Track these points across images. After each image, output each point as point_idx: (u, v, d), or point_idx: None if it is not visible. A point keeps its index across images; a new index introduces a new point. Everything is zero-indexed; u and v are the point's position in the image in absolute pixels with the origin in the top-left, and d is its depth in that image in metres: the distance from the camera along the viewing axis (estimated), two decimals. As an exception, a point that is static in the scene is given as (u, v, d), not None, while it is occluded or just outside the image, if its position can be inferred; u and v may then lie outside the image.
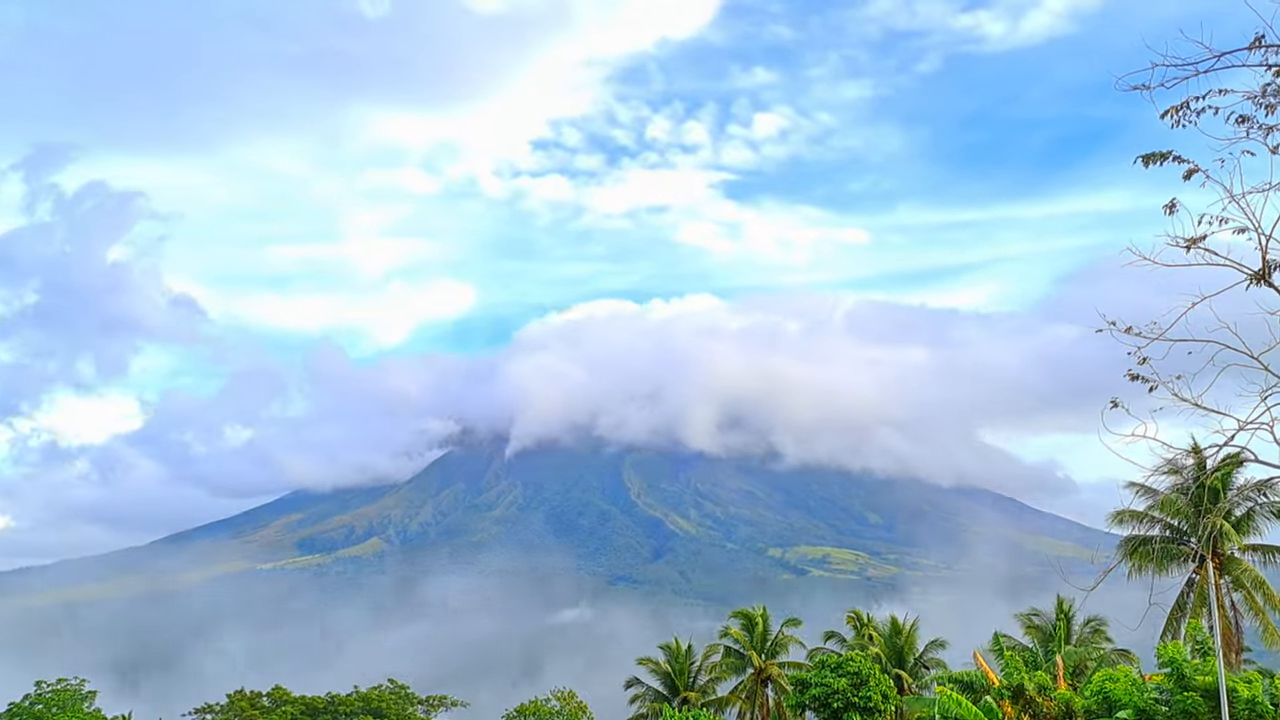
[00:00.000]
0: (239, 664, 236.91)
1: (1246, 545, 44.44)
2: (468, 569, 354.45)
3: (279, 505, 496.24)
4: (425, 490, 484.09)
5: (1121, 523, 46.06)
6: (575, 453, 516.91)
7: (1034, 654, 50.19)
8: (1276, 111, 10.15)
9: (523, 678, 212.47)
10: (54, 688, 76.19)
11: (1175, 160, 10.23)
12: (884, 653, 62.77)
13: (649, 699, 67.13)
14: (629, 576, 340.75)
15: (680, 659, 67.09)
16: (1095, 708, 37.64)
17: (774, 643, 64.86)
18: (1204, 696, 34.35)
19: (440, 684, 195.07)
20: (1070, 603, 56.80)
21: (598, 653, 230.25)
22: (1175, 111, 10.24)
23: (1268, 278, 10.43)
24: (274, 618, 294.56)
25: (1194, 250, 10.45)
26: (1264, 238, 10.30)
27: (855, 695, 51.74)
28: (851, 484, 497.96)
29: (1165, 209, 10.31)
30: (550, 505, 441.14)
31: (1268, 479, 42.92)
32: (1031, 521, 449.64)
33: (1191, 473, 26.91)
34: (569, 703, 78.26)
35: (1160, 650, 36.36)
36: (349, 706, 79.77)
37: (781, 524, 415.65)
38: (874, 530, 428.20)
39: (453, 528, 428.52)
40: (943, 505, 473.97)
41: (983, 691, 45.22)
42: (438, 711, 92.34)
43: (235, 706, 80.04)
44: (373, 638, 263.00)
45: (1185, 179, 10.21)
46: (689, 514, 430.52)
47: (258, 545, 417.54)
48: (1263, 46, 9.98)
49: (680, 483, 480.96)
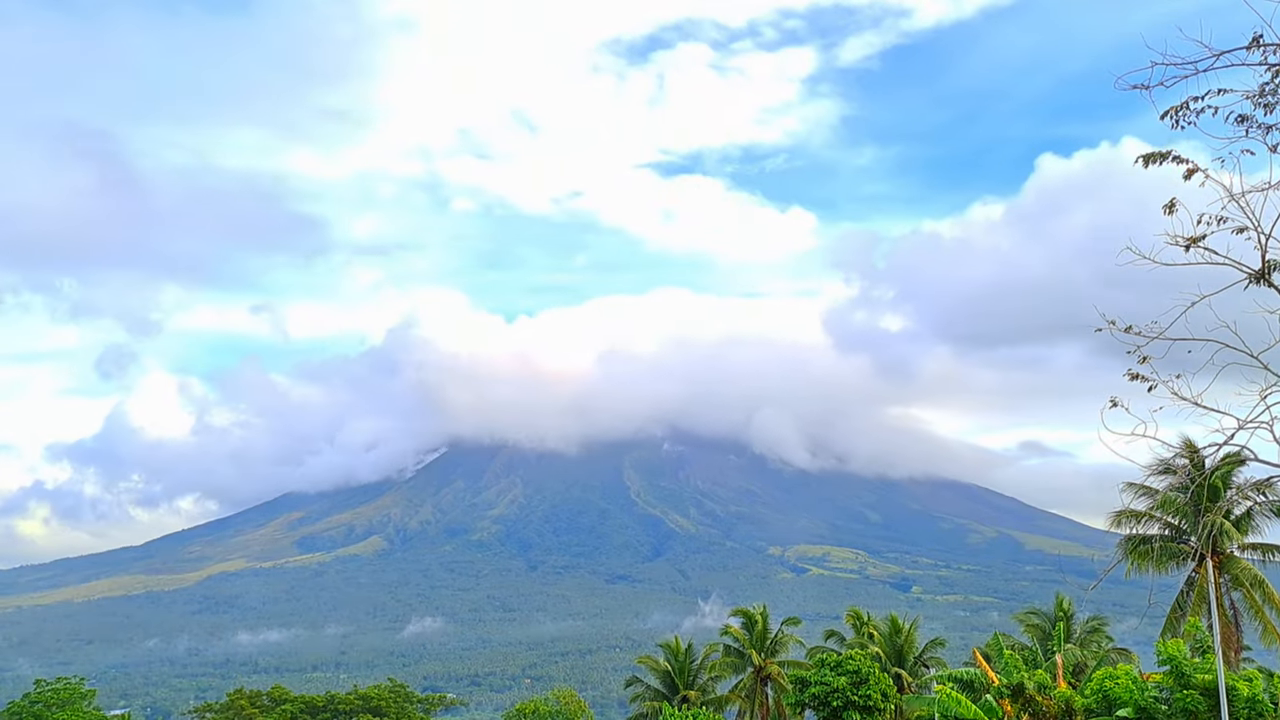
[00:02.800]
0: (238, 663, 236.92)
1: (1246, 544, 44.45)
2: (467, 568, 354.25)
3: (279, 504, 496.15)
4: (425, 489, 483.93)
5: (1120, 524, 46.04)
6: (575, 451, 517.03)
7: (1033, 653, 50.20)
8: (1276, 110, 10.15)
9: (523, 676, 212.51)
10: (53, 686, 76.13)
11: (1175, 160, 10.23)
12: (884, 651, 62.76)
13: (648, 697, 67.11)
14: (629, 575, 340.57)
15: (680, 657, 67.07)
16: (1095, 706, 37.64)
17: (774, 641, 64.85)
18: (1204, 695, 34.36)
19: (440, 683, 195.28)
20: (1070, 601, 56.84)
21: (597, 651, 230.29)
22: (1175, 111, 10.24)
23: (1267, 277, 10.43)
24: (274, 617, 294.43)
25: (1193, 249, 10.45)
26: (1264, 237, 10.30)
27: (855, 694, 51.74)
28: (852, 482, 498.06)
29: (1165, 208, 10.31)
30: (550, 503, 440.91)
31: (1267, 478, 42.91)
32: (1032, 520, 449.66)
33: (1189, 471, 26.81)
34: (569, 701, 78.25)
35: (1160, 648, 36.36)
36: (348, 705, 79.70)
37: (781, 522, 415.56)
38: (874, 529, 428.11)
39: (453, 526, 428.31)
40: (943, 504, 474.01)
41: (982, 690, 45.25)
42: (437, 710, 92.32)
43: (234, 705, 79.99)
44: (372, 637, 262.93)
45: (1185, 178, 10.21)
46: (689, 512, 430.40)
47: (257, 544, 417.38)
48: (1261, 46, 9.98)
49: (680, 481, 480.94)
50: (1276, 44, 9.93)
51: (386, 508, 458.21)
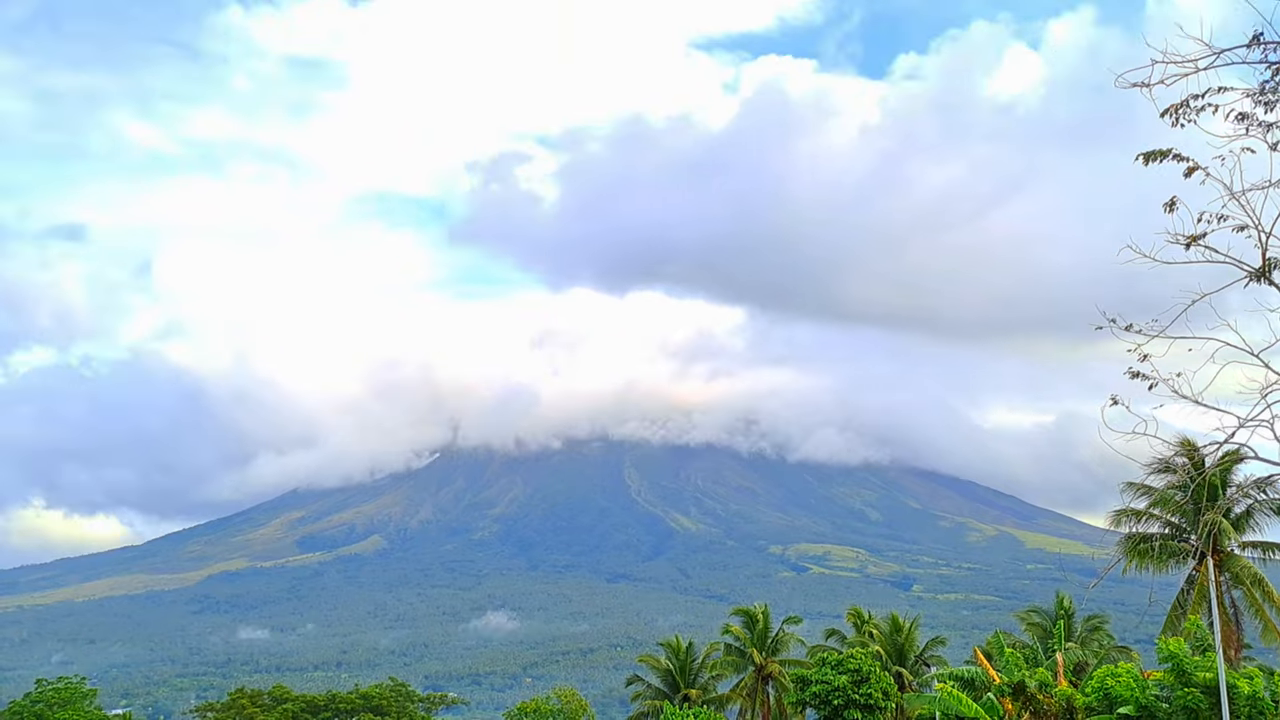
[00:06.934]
0: (240, 662, 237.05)
1: (1246, 542, 44.46)
2: (468, 567, 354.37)
3: (279, 503, 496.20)
4: (425, 488, 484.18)
5: (1121, 522, 46.04)
6: (576, 450, 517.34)
7: (1034, 651, 50.17)
8: (1276, 109, 10.15)
9: (524, 675, 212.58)
10: (54, 686, 76.24)
11: (1175, 158, 10.23)
12: (885, 650, 62.77)
13: (650, 696, 67.15)
14: (629, 574, 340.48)
15: (681, 656, 67.08)
16: (1096, 704, 37.65)
17: (775, 640, 64.85)
18: (1204, 693, 34.37)
19: (441, 682, 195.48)
20: (1070, 600, 56.84)
21: (598, 650, 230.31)
22: (1175, 110, 10.25)
23: (1268, 275, 10.43)
24: (274, 616, 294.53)
25: (1194, 248, 10.45)
26: (1264, 235, 10.31)
27: (856, 692, 51.76)
28: (852, 481, 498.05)
29: (1165, 206, 10.32)
30: (550, 502, 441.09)
31: (1267, 476, 42.94)
32: (1032, 519, 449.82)
33: (1188, 470, 26.88)
34: (570, 700, 78.27)
35: (1161, 645, 36.36)
36: (350, 704, 79.77)
37: (782, 521, 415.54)
38: (875, 528, 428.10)
39: (453, 525, 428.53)
40: (944, 502, 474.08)
41: (983, 689, 45.25)
42: (438, 709, 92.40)
43: (236, 705, 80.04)
44: (373, 636, 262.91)
45: (1186, 177, 10.21)
46: (689, 511, 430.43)
47: (258, 543, 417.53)
48: (1261, 44, 9.98)
49: (680, 479, 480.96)
50: (1277, 41, 9.93)
51: (387, 507, 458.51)
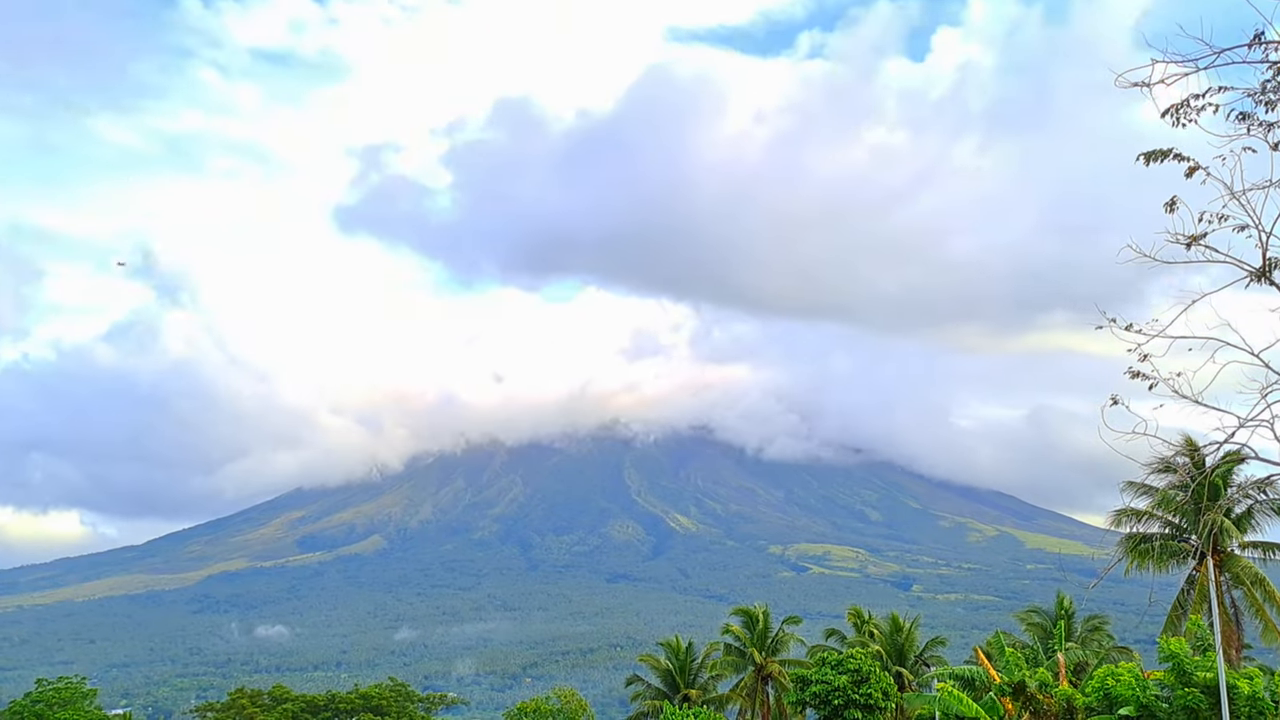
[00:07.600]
0: (239, 662, 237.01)
1: (1246, 542, 44.44)
2: (468, 566, 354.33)
3: (280, 503, 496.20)
4: (425, 488, 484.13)
5: (1121, 522, 46.03)
6: (576, 450, 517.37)
7: (1035, 651, 50.17)
8: (1277, 108, 10.14)
9: (523, 675, 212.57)
10: (54, 686, 76.25)
11: (1176, 158, 10.22)
12: (885, 650, 62.77)
13: (649, 696, 67.14)
14: (629, 574, 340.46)
15: (681, 656, 67.07)
16: (1097, 704, 37.65)
17: (774, 640, 64.84)
18: (1205, 692, 34.37)
19: (440, 682, 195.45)
20: (1070, 600, 56.83)
21: (598, 650, 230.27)
22: (1176, 109, 10.23)
23: (1268, 275, 10.42)
24: (274, 616, 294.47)
25: (1194, 248, 10.44)
26: (1264, 235, 10.30)
27: (856, 692, 51.74)
28: (852, 481, 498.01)
29: (1166, 206, 10.31)
30: (550, 502, 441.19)
31: (1268, 476, 42.90)
32: (1032, 519, 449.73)
33: (1189, 470, 26.90)
34: (570, 700, 78.27)
35: (1162, 645, 36.36)
36: (349, 704, 79.80)
37: (782, 521, 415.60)
38: (875, 527, 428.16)
39: (453, 525, 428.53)
40: (943, 502, 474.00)
41: (984, 688, 45.25)
42: (438, 709, 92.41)
43: (236, 704, 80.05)
44: (373, 636, 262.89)
45: (1187, 176, 10.20)
46: (689, 511, 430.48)
47: (258, 543, 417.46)
48: (1262, 43, 9.97)
49: (680, 480, 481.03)
50: (1277, 41, 9.92)
51: (387, 507, 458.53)
